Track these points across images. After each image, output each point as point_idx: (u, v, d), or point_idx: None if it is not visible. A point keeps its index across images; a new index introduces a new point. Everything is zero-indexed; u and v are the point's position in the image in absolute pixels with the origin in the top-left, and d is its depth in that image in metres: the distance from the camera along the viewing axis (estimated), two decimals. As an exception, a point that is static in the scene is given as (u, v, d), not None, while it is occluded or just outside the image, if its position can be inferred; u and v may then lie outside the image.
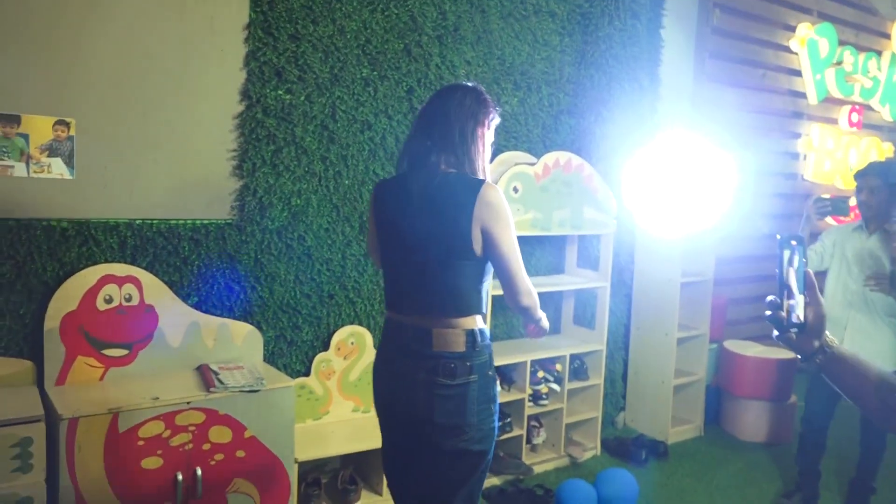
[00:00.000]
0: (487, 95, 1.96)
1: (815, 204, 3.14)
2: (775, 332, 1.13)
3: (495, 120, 1.98)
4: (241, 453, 2.50)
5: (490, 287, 2.01)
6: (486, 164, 1.95)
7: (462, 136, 1.87)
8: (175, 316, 2.68)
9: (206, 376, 2.59)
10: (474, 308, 1.88)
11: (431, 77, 3.26)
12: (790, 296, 1.09)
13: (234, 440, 2.49)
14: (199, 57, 2.71)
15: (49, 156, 2.45)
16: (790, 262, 1.09)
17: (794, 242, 1.10)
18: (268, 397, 2.56)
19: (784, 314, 1.09)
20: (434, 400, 1.84)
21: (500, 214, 1.83)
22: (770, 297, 1.12)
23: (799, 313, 1.09)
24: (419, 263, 1.86)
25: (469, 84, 1.97)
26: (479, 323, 1.90)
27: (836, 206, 3.06)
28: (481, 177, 1.89)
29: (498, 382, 2.00)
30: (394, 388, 1.94)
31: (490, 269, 1.91)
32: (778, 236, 1.12)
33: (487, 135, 1.96)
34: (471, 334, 1.86)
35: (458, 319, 1.86)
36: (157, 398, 2.37)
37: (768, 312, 1.11)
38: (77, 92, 2.49)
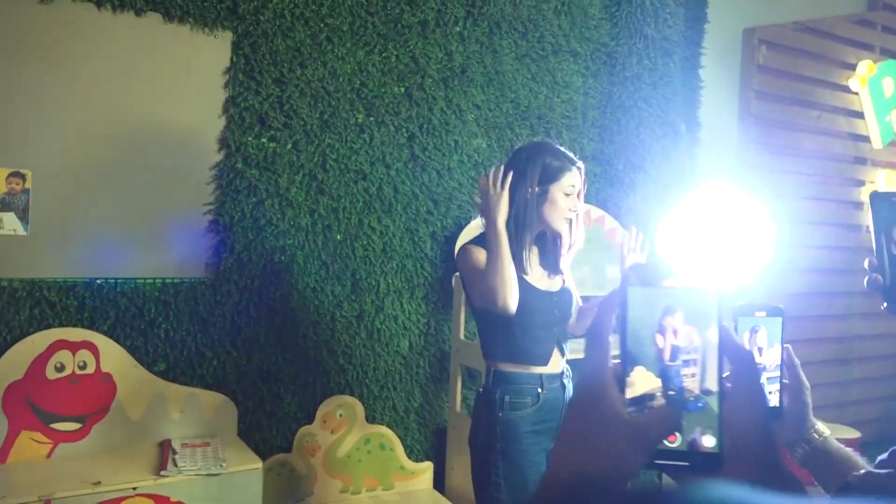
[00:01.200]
0: (532, 156, 2.11)
1: None
2: None
3: (563, 179, 2.15)
4: (195, 547, 2.20)
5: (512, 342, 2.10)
6: (518, 224, 2.06)
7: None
8: (136, 385, 2.43)
9: (164, 455, 2.32)
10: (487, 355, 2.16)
11: (435, 122, 2.99)
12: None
13: (188, 531, 2.20)
14: (173, 103, 2.51)
15: (1, 210, 2.26)
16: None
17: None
18: (230, 481, 2.26)
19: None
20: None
21: (462, 273, 2.13)
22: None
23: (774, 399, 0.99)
24: None
25: (523, 145, 2.22)
26: (498, 366, 2.12)
27: None
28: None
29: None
30: None
31: (492, 324, 2.09)
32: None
33: (532, 193, 2.08)
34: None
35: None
36: (99, 482, 2.10)
37: None
38: (35, 141, 2.31)
